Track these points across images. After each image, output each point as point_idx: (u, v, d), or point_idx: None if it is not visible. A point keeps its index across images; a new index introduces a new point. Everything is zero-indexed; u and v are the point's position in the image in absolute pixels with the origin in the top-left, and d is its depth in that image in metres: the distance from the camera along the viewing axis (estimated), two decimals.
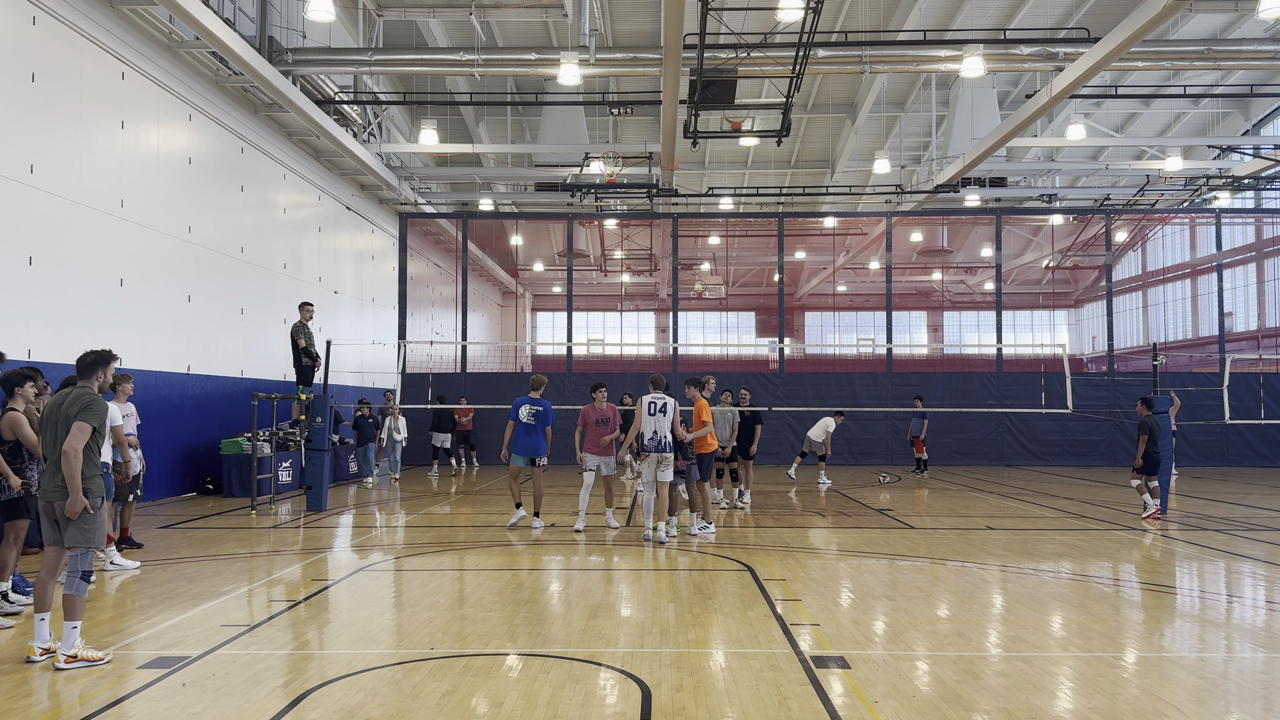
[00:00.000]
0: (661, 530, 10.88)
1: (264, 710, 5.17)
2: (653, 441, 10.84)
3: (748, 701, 5.33)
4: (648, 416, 10.86)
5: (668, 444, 10.87)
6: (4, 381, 7.62)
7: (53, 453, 6.22)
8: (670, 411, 10.89)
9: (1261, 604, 8.23)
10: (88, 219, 13.36)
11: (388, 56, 18.25)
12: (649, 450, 10.85)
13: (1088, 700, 5.42)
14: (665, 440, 10.85)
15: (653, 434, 10.85)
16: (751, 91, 24.72)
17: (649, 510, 11.02)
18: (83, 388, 6.31)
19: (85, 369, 6.38)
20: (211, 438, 16.76)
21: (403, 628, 7.13)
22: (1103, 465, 24.72)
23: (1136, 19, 14.12)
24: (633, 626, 7.11)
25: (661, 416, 10.85)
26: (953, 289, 38.41)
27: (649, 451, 10.85)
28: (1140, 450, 13.49)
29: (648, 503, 11.04)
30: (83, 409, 6.16)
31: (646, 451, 10.86)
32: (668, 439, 10.86)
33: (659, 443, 10.84)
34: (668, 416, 10.86)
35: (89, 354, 6.40)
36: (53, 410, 6.27)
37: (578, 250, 30.66)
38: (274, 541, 11.41)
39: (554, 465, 24.55)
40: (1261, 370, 26.00)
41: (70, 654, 5.97)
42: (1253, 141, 25.33)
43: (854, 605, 7.96)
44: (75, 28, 13.04)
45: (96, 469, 6.27)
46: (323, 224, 22.68)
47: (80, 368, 6.39)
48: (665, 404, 10.94)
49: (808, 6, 13.39)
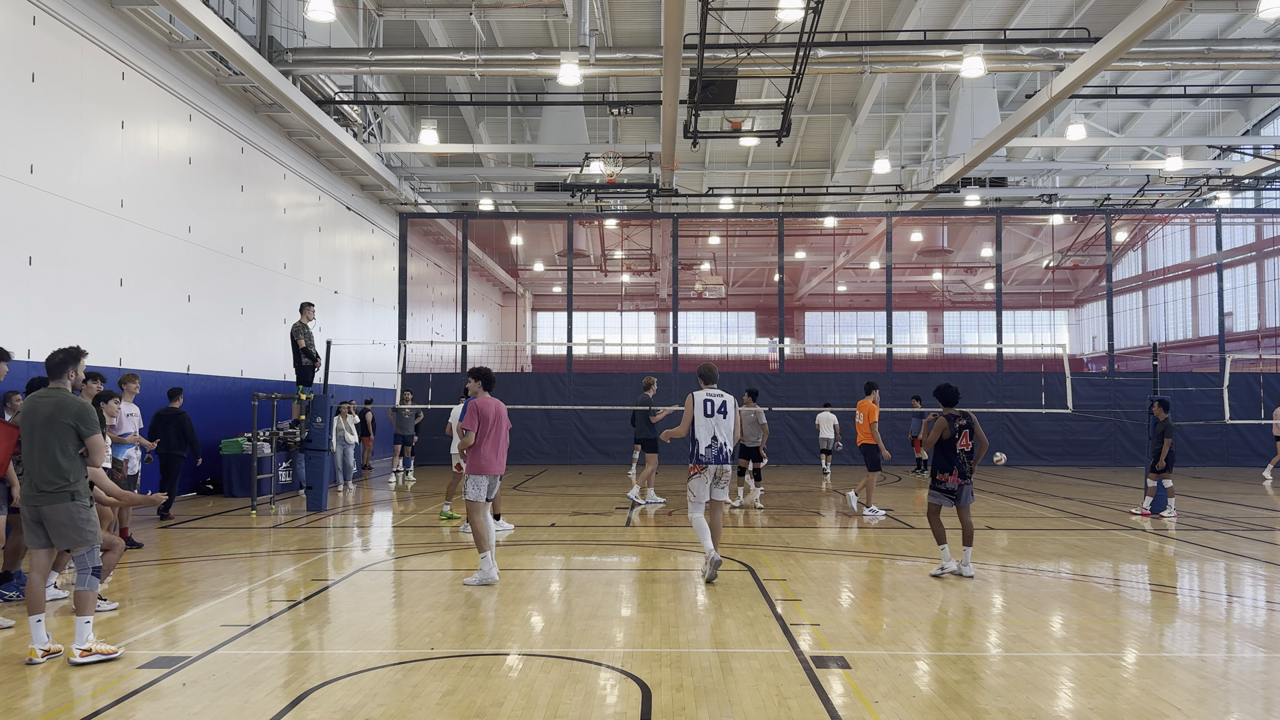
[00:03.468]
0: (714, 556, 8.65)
1: (264, 710, 5.17)
2: (710, 451, 8.61)
3: (748, 701, 5.32)
4: (704, 418, 8.63)
5: (728, 454, 8.68)
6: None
7: (32, 458, 6.20)
8: (732, 412, 8.77)
9: (1261, 604, 8.23)
10: (88, 219, 13.36)
11: (388, 56, 18.25)
12: (706, 462, 8.61)
13: (1088, 700, 5.41)
14: (726, 450, 8.66)
15: (710, 441, 8.61)
16: (751, 91, 24.72)
17: (703, 531, 8.71)
18: (58, 389, 6.30)
19: (55, 368, 6.37)
20: (211, 438, 16.75)
21: (403, 628, 7.12)
22: (1103, 465, 24.71)
23: (1136, 19, 14.12)
24: (633, 626, 7.11)
25: (722, 419, 8.67)
26: (953, 289, 38.42)
27: (706, 464, 8.61)
28: (1165, 451, 13.52)
29: (700, 525, 8.73)
30: (82, 422, 6.20)
31: (703, 464, 8.62)
32: (727, 447, 8.66)
33: (719, 452, 8.63)
34: (729, 418, 8.71)
35: (58, 353, 6.39)
36: (33, 416, 6.23)
37: (578, 250, 30.67)
38: (274, 541, 11.41)
39: (553, 465, 24.63)
40: (1261, 370, 25.99)
41: (84, 648, 6.00)
42: (1253, 141, 25.32)
43: (854, 605, 7.96)
44: (75, 28, 13.04)
45: (84, 472, 6.30)
46: (323, 224, 22.68)
47: (50, 368, 6.38)
48: (725, 402, 8.75)
49: (808, 6, 13.39)
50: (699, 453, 8.62)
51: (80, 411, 6.21)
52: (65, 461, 6.15)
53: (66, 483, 6.14)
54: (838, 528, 12.85)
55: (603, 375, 26.21)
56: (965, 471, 8.92)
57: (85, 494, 6.23)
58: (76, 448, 6.22)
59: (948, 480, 8.92)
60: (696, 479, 8.73)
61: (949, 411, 9.01)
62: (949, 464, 8.91)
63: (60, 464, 6.13)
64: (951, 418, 8.96)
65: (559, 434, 25.37)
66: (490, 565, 8.64)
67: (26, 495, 6.20)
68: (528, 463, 24.21)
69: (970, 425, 8.96)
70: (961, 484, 8.90)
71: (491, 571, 8.63)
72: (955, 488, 8.91)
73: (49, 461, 6.13)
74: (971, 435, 8.95)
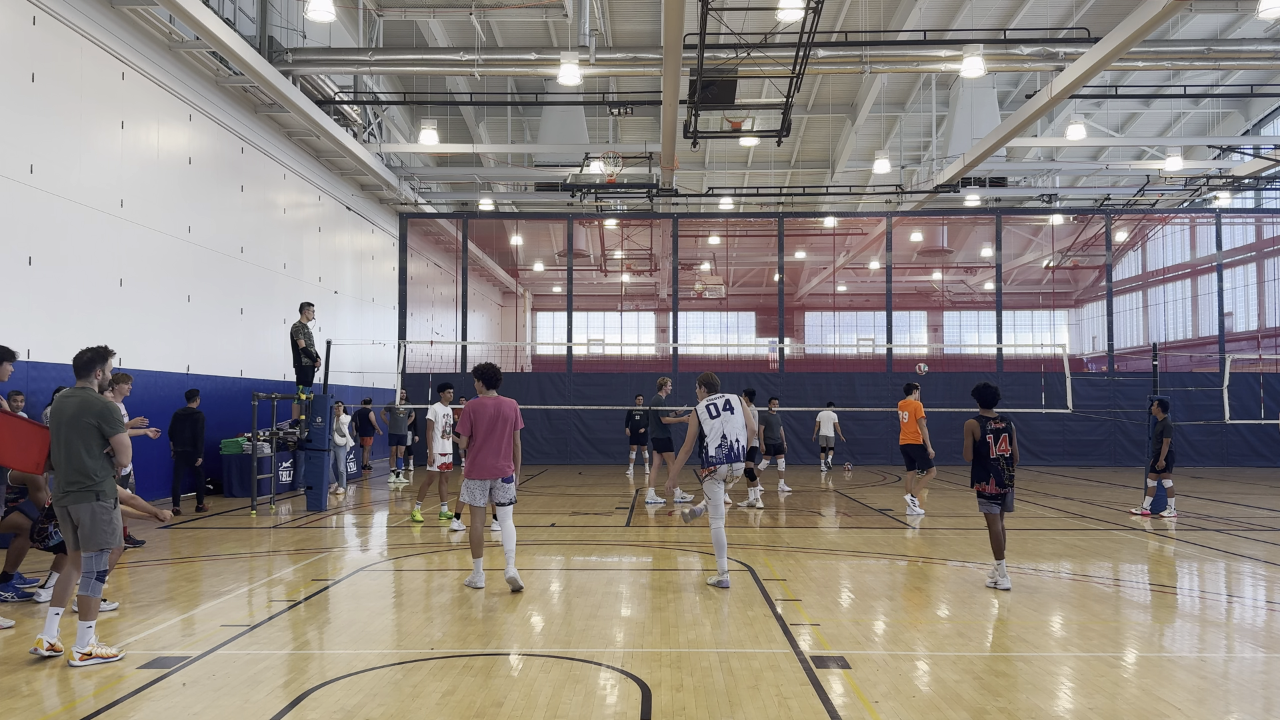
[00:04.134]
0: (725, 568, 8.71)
1: (264, 710, 5.17)
2: (721, 450, 8.47)
3: (748, 701, 5.32)
4: (710, 420, 8.53)
5: (741, 450, 8.53)
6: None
7: (59, 458, 6.23)
8: (738, 408, 8.61)
9: (1261, 604, 8.23)
10: (87, 219, 13.36)
11: (388, 56, 18.25)
12: (717, 463, 8.49)
13: (1088, 700, 5.41)
14: (739, 446, 8.52)
15: (720, 440, 8.49)
16: (751, 91, 24.72)
17: (721, 547, 8.67)
18: (84, 389, 6.32)
19: (83, 367, 6.37)
20: (211, 438, 16.75)
21: (403, 628, 7.12)
22: (1103, 465, 24.71)
23: (1136, 19, 14.12)
24: (633, 626, 7.11)
25: (729, 415, 8.54)
26: (953, 289, 38.42)
27: (717, 465, 8.49)
28: (1164, 451, 13.51)
29: (719, 539, 8.67)
30: (104, 421, 6.21)
31: (714, 465, 8.50)
32: (739, 443, 8.51)
33: (730, 450, 8.49)
34: (736, 413, 8.56)
35: (85, 352, 6.39)
36: (60, 416, 6.26)
37: (578, 250, 30.67)
38: (274, 541, 11.41)
39: (553, 465, 24.64)
40: (1261, 370, 25.99)
41: (85, 651, 6.01)
42: (1253, 141, 25.32)
43: (854, 605, 7.96)
44: (75, 28, 13.03)
45: (110, 471, 6.30)
46: (323, 224, 22.68)
47: (78, 366, 6.38)
48: (728, 400, 8.65)
49: (808, 6, 13.39)
50: (709, 454, 8.52)
51: (103, 411, 6.22)
52: (90, 461, 6.16)
53: (92, 481, 6.15)
54: (838, 528, 12.85)
55: (603, 375, 26.21)
56: (1003, 479, 8.50)
57: (111, 494, 6.24)
58: (101, 447, 6.23)
59: (986, 489, 8.57)
60: (710, 481, 8.64)
61: (984, 414, 8.61)
62: (984, 472, 8.54)
63: (85, 463, 6.15)
64: (984, 420, 8.58)
65: (559, 434, 25.37)
66: (477, 573, 8.46)
67: (56, 495, 6.25)
68: (528, 463, 24.21)
69: (1009, 430, 8.58)
70: (1001, 491, 8.53)
71: (476, 578, 8.45)
72: (996, 494, 8.55)
73: (75, 461, 6.16)
74: (1011, 441, 8.56)
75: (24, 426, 6.85)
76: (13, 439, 6.75)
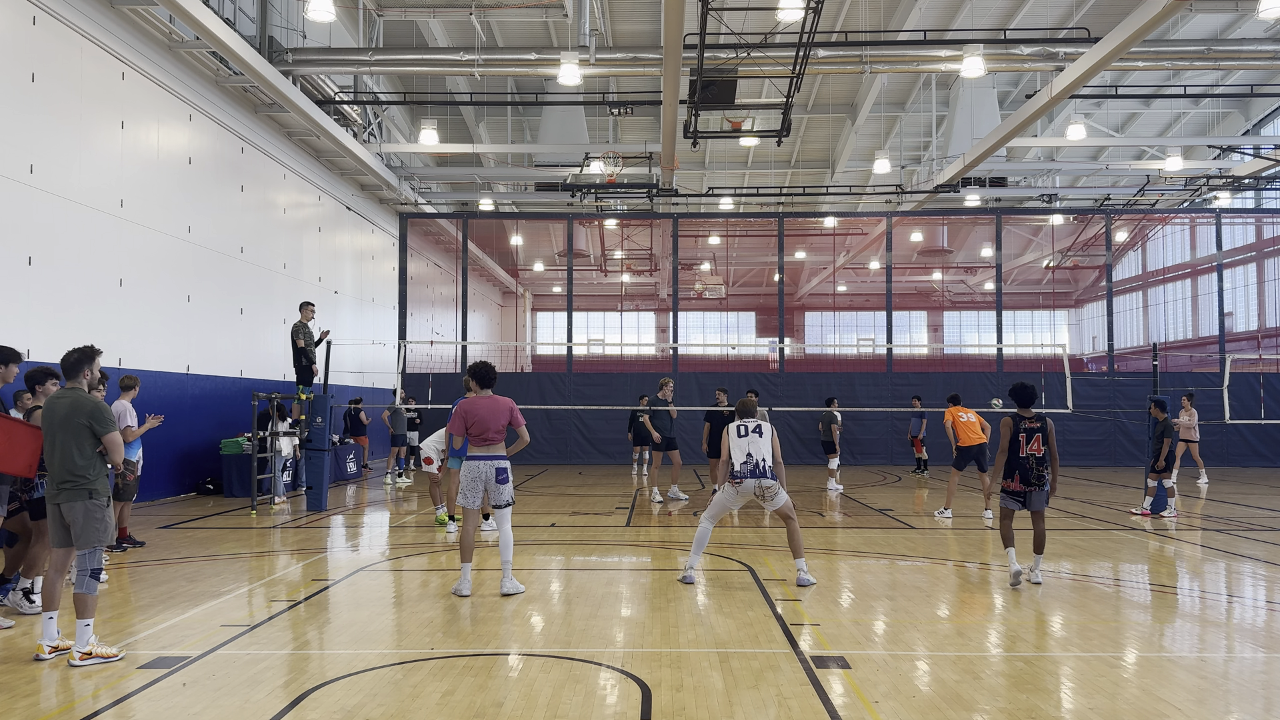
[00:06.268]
0: (805, 570, 8.90)
1: (264, 710, 5.17)
2: (746, 466, 8.77)
3: (748, 701, 5.32)
4: (738, 438, 8.92)
5: (766, 468, 8.80)
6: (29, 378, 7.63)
7: (52, 458, 6.24)
8: (767, 433, 9.00)
9: (1261, 604, 8.23)
10: (87, 219, 13.36)
11: (388, 56, 18.25)
12: (742, 477, 8.75)
13: (1088, 700, 5.41)
14: (765, 465, 8.81)
15: (745, 458, 8.82)
16: (751, 91, 24.71)
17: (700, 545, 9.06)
18: (74, 389, 6.33)
19: (71, 368, 6.39)
20: (211, 438, 16.76)
21: (403, 628, 7.12)
22: (1103, 465, 24.70)
23: (1136, 19, 14.12)
24: (633, 626, 7.11)
25: (757, 438, 8.93)
26: (953, 289, 38.42)
27: (741, 479, 8.75)
28: (1165, 451, 13.51)
29: (703, 535, 9.06)
30: (96, 420, 6.23)
31: (739, 479, 8.77)
32: (766, 462, 8.82)
33: (754, 467, 8.77)
34: (764, 438, 8.94)
35: (72, 353, 6.41)
36: (52, 417, 6.28)
37: (578, 250, 30.67)
38: (274, 541, 11.41)
39: (553, 465, 24.63)
40: (1261, 370, 25.99)
41: (85, 651, 6.02)
42: (1253, 141, 25.33)
43: (854, 605, 7.96)
44: (75, 28, 13.04)
45: (104, 469, 6.32)
46: (323, 224, 22.68)
47: (65, 368, 6.41)
48: (760, 426, 9.05)
49: (808, 6, 13.39)
50: (735, 469, 8.81)
51: (94, 410, 6.25)
52: (82, 460, 6.20)
53: (85, 480, 6.18)
54: (838, 528, 12.85)
55: (603, 375, 26.21)
56: (1029, 478, 8.59)
57: (103, 493, 6.27)
58: (93, 447, 6.26)
59: (1010, 485, 8.69)
60: (726, 492, 8.89)
61: (1020, 413, 8.71)
62: (1011, 469, 8.67)
63: (77, 463, 6.18)
64: (1019, 419, 8.66)
65: (559, 434, 25.37)
66: (463, 579, 8.19)
67: (49, 494, 6.28)
68: (528, 462, 24.20)
69: (1043, 430, 8.64)
70: (1026, 489, 8.62)
71: (462, 585, 8.16)
72: (1019, 492, 8.66)
73: (67, 461, 6.19)
74: (1044, 440, 8.63)
75: (19, 429, 6.86)
76: (7, 441, 6.76)
